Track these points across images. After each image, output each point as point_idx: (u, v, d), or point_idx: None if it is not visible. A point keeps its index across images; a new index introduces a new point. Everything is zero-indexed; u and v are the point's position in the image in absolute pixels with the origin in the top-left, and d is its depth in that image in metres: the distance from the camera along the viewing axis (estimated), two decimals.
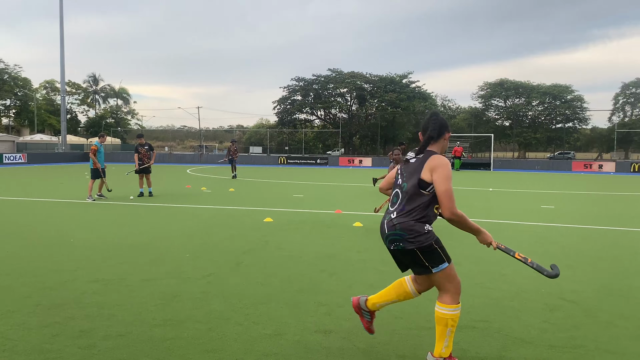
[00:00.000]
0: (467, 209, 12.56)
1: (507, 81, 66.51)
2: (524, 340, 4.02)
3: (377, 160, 44.33)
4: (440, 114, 3.52)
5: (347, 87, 66.34)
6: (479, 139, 56.81)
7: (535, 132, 64.00)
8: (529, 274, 6.10)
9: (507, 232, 9.16)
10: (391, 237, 3.38)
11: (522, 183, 23.32)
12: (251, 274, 5.96)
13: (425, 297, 5.10)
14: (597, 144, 70.49)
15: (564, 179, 27.54)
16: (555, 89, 63.93)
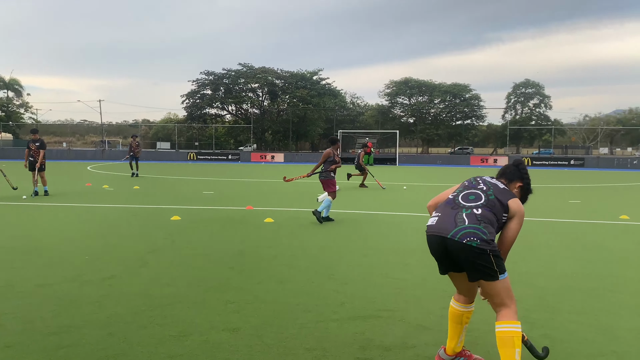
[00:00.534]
0: (377, 203, 12.97)
1: (411, 80, 69.43)
2: (424, 327, 4.24)
3: (289, 156, 44.50)
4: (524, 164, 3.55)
5: (259, 82, 65.87)
6: (385, 135, 58.88)
7: (437, 128, 67.45)
8: (430, 264, 6.42)
9: (409, 224, 9.58)
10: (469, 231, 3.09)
11: (425, 177, 24.51)
12: (156, 275, 5.75)
13: (332, 289, 5.22)
14: (492, 139, 75.65)
15: (463, 172, 29.31)
16: (455, 87, 67.74)
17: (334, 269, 6.08)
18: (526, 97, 71.23)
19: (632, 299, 5.05)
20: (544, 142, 67.65)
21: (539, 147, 67.14)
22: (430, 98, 69.03)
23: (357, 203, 12.91)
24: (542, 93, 70.22)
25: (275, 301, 4.84)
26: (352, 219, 10.17)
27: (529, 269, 6.21)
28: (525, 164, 3.51)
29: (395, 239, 8.12)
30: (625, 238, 8.43)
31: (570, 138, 73.33)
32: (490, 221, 3.16)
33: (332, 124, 61.65)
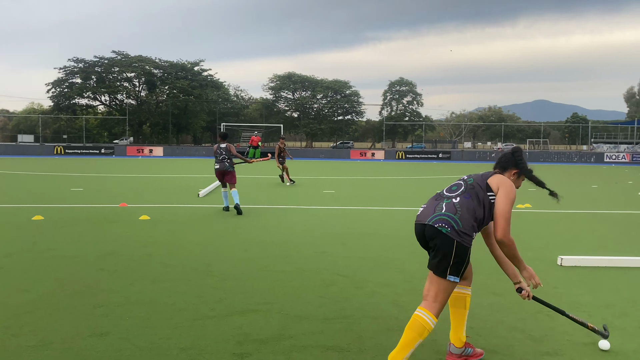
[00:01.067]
0: (259, 197, 12.94)
1: (294, 74, 70.31)
2: (302, 317, 4.32)
3: (169, 150, 42.76)
4: (521, 152, 3.52)
5: (135, 72, 62.42)
6: (270, 129, 59.04)
7: (320, 123, 69.13)
8: (309, 255, 6.56)
9: (291, 217, 9.71)
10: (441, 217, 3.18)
11: (308, 171, 25.01)
12: (13, 281, 5.21)
13: (210, 285, 5.11)
14: (370, 134, 79.34)
15: (344, 166, 30.38)
16: (336, 84, 69.85)
17: (213, 266, 5.96)
18: (400, 95, 75.55)
19: (486, 279, 5.59)
20: (417, 137, 72.36)
21: (412, 141, 71.69)
22: (313, 93, 70.46)
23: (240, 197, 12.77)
24: (414, 91, 74.95)
25: (148, 302, 4.62)
26: (233, 214, 10.05)
27: (399, 256, 6.60)
28: (522, 152, 3.54)
29: (276, 231, 8.18)
30: None
31: (439, 133, 79.25)
32: (470, 209, 3.22)
33: (215, 116, 60.35)
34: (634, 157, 40.89)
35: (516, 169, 3.45)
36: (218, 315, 4.33)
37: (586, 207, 12.00)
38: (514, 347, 3.77)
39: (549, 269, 6.10)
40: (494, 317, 4.42)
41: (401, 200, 12.84)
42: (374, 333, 3.99)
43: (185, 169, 24.62)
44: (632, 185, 18.94)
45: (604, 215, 10.86)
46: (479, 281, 5.50)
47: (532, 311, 4.57)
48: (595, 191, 16.20)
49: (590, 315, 4.48)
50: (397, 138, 75.83)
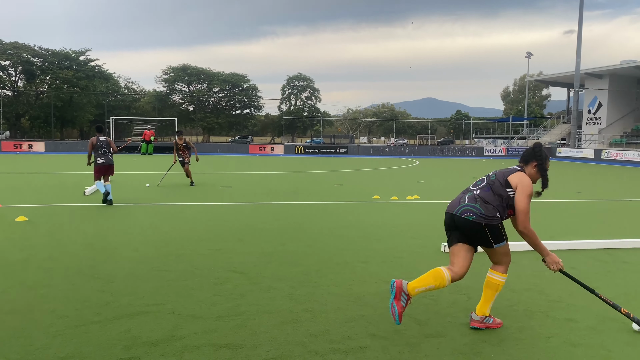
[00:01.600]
0: (151, 194, 12.39)
1: (189, 67, 68.13)
2: (195, 316, 4.21)
3: (52, 145, 39.51)
4: (542, 147, 4.11)
5: (10, 60, 56.82)
6: (163, 123, 56.76)
7: (217, 117, 67.70)
8: (204, 253, 6.42)
9: (186, 214, 9.43)
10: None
11: (205, 166, 24.38)
12: None
13: (96, 289, 4.82)
14: (270, 129, 79.23)
15: (243, 160, 30.07)
16: (233, 77, 68.76)
17: (99, 268, 5.62)
18: (299, 90, 76.24)
19: (377, 268, 5.84)
20: (315, 132, 73.53)
21: (311, 136, 72.72)
22: (210, 86, 68.82)
23: (127, 194, 12.16)
24: (312, 86, 76.02)
25: (24, 310, 4.25)
26: (122, 212, 9.56)
27: (296, 249, 6.68)
28: (542, 146, 4.10)
29: (168, 229, 7.89)
30: (376, 215, 9.69)
31: (337, 128, 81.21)
32: (488, 200, 3.86)
33: (104, 109, 56.80)
34: (509, 151, 44.85)
35: (536, 162, 4.02)
36: (104, 319, 4.10)
37: None
38: (401, 332, 3.98)
39: (434, 255, 6.51)
40: (383, 303, 4.62)
41: (299, 194, 12.99)
42: (269, 327, 4.00)
43: (69, 166, 22.90)
44: None
45: None
46: (371, 270, 5.73)
47: (418, 296, 4.84)
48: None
49: (470, 298, 4.85)
50: (296, 133, 76.48)
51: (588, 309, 4.60)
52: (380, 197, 12.29)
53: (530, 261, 6.28)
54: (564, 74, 50.98)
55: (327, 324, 4.10)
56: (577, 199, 13.22)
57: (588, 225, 9.06)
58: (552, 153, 43.72)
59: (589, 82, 48.70)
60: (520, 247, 6.90)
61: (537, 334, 3.98)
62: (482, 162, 32.94)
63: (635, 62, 43.57)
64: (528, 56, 66.66)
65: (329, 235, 7.64)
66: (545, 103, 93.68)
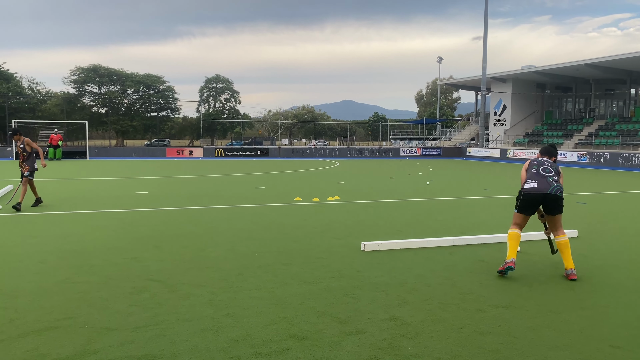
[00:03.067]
0: (57, 200, 11.65)
1: (100, 67, 64.77)
2: (109, 329, 4.03)
3: None
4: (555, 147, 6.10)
5: None
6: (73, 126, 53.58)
7: (132, 120, 64.88)
8: (118, 262, 6.15)
9: (97, 222, 8.98)
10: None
11: (118, 171, 23.32)
12: None
13: (1, 305, 4.47)
14: (188, 131, 77.12)
15: (159, 165, 29.06)
16: (148, 78, 66.21)
17: (2, 282, 5.21)
18: (218, 92, 74.90)
19: (299, 269, 5.88)
20: (236, 135, 72.62)
21: (232, 139, 71.74)
22: (123, 88, 65.81)
23: (31, 202, 11.36)
24: (231, 88, 74.94)
25: None
26: (26, 221, 8.92)
27: (216, 254, 6.57)
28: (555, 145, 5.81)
29: (78, 239, 7.47)
30: (297, 217, 9.75)
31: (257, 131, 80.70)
32: (561, 182, 5.67)
33: (5, 112, 52.61)
34: (423, 151, 46.83)
35: (556, 157, 5.98)
36: (8, 338, 3.81)
37: (386, 197, 13.37)
38: (323, 331, 4.04)
39: (354, 254, 6.66)
40: (305, 304, 4.66)
41: (218, 198, 12.77)
42: (189, 335, 3.91)
43: None
44: (421, 176, 21.67)
45: (399, 203, 12.22)
46: (292, 272, 5.77)
47: (339, 295, 4.94)
48: (393, 182, 18.15)
49: (388, 294, 5.02)
50: (216, 135, 75.07)
51: (495, 298, 4.91)
52: (302, 199, 12.38)
53: (443, 256, 6.60)
54: (472, 78, 54.01)
55: (248, 328, 4.07)
56: (485, 195, 14.06)
57: (496, 220, 9.66)
58: (462, 153, 46.20)
59: (494, 86, 51.93)
60: (434, 243, 7.24)
61: (450, 325, 4.20)
62: (399, 163, 34.13)
63: (534, 67, 47.03)
64: (439, 61, 70.01)
65: (249, 239, 7.58)
66: (455, 105, 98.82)
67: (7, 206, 10.34)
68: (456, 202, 12.41)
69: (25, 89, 66.88)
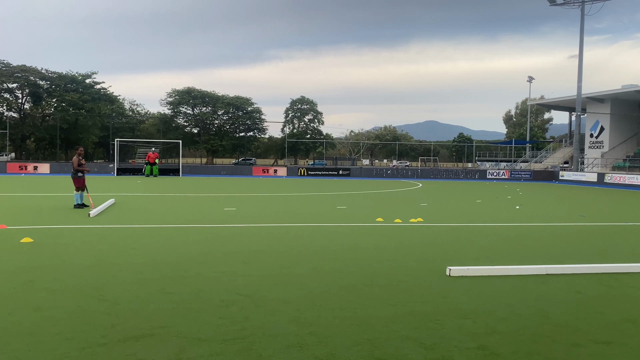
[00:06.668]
0: (151, 215, 12.43)
1: (194, 90, 68.77)
2: (200, 339, 4.21)
3: (56, 167, 39.72)
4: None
5: (17, 82, 57.51)
6: (168, 145, 57.09)
7: (221, 139, 68.05)
8: (208, 275, 6.43)
9: (189, 236, 9.45)
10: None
11: (208, 188, 24.46)
12: None
13: (101, 311, 4.83)
14: (273, 151, 79.57)
15: (246, 182, 30.13)
16: (238, 100, 69.34)
17: (104, 289, 5.63)
18: (302, 113, 76.79)
19: (382, 291, 5.83)
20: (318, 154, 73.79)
21: (314, 158, 72.94)
22: (214, 109, 69.37)
23: (132, 216, 12.21)
24: (315, 109, 76.59)
25: (29, 333, 4.26)
26: (126, 234, 9.59)
27: (299, 272, 6.68)
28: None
29: (171, 252, 7.90)
30: (380, 238, 9.69)
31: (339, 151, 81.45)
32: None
33: (109, 131, 57.22)
34: (512, 174, 44.87)
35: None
36: (110, 342, 4.10)
37: (472, 221, 12.94)
38: (408, 356, 3.96)
39: (438, 279, 6.49)
40: (388, 327, 4.61)
41: (302, 216, 13.00)
42: (275, 351, 4.00)
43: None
44: (510, 199, 20.75)
45: (487, 227, 11.77)
46: (375, 293, 5.72)
47: (423, 320, 4.83)
48: (479, 205, 17.53)
49: (475, 322, 4.83)
50: (299, 155, 76.78)
51: (594, 333, 4.57)
52: (384, 220, 12.29)
53: (534, 285, 6.26)
54: (566, 98, 51.25)
55: (332, 348, 4.09)
56: (581, 222, 13.19)
57: (592, 249, 9.03)
58: (554, 176, 43.70)
59: (590, 106, 48.91)
60: (524, 271, 6.89)
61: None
62: (486, 185, 32.92)
63: (637, 86, 43.81)
64: (530, 80, 67.17)
65: (332, 258, 7.63)
66: (547, 127, 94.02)
67: (116, 219, 11.18)
68: (548, 228, 11.75)
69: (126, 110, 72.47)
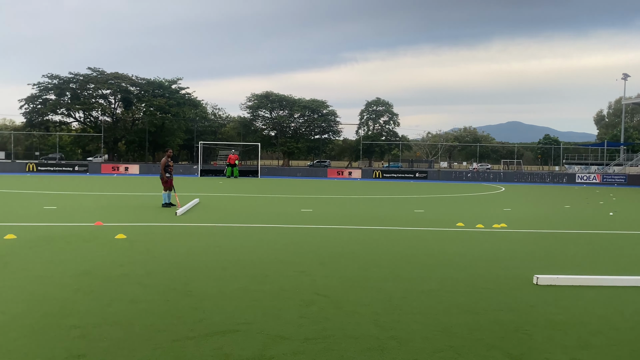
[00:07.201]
0: (235, 216, 12.85)
1: (272, 94, 70.49)
2: (282, 337, 4.29)
3: (145, 168, 42.22)
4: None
5: (111, 89, 61.74)
6: (247, 148, 58.92)
7: (297, 142, 69.22)
8: (288, 274, 6.55)
9: (269, 236, 9.67)
10: None
11: (285, 189, 24.95)
12: None
13: (189, 305, 5.06)
14: (347, 153, 79.73)
15: (321, 184, 30.43)
16: (313, 103, 70.23)
17: (191, 285, 5.90)
18: (377, 115, 76.34)
19: (465, 298, 5.65)
20: (393, 156, 73.03)
21: (389, 160, 72.28)
22: (291, 112, 70.68)
23: (215, 215, 12.69)
24: (391, 111, 75.83)
25: (126, 323, 4.54)
26: (210, 232, 9.98)
27: (378, 275, 6.63)
28: None
29: (253, 250, 8.12)
30: (461, 243, 9.41)
31: (415, 153, 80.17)
32: None
33: (193, 134, 60.02)
34: (604, 178, 41.98)
35: None
36: (198, 335, 4.28)
37: (560, 227, 12.25)
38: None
39: (525, 287, 6.20)
40: (473, 335, 4.46)
41: (378, 219, 12.91)
42: (356, 353, 3.99)
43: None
44: (603, 205, 19.42)
45: (577, 234, 11.10)
46: (457, 300, 5.56)
47: (510, 329, 4.63)
48: (568, 211, 16.56)
49: (567, 334, 4.57)
50: (373, 157, 76.41)
51: None
52: (465, 225, 11.93)
53: (633, 297, 5.82)
54: None
55: (414, 354, 4.02)
56: None
57: None
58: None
59: None
60: (621, 282, 6.42)
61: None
62: (575, 190, 31.07)
63: None
64: (624, 78, 62.55)
65: (411, 263, 7.52)
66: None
67: (201, 218, 11.70)
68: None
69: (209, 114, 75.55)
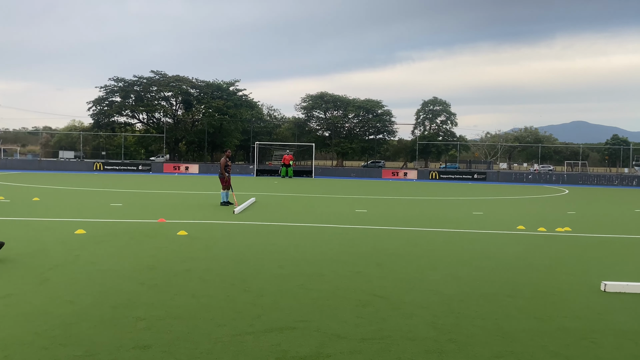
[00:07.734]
0: (291, 215, 13.01)
1: (326, 94, 70.76)
2: (339, 336, 4.32)
3: (204, 167, 43.50)
4: None
5: (172, 91, 64.00)
6: (302, 148, 59.49)
7: (351, 142, 69.14)
8: (344, 274, 6.57)
9: (324, 235, 9.72)
10: None
11: (339, 189, 24.99)
12: (58, 292, 5.38)
13: (248, 301, 5.18)
14: (402, 154, 78.82)
15: (376, 185, 30.26)
16: (368, 103, 69.92)
17: (250, 282, 6.03)
18: (434, 114, 75.01)
19: (526, 303, 5.47)
20: (450, 157, 71.57)
21: (446, 161, 70.91)
22: (345, 113, 70.70)
23: (271, 214, 12.90)
24: (448, 110, 74.32)
25: (188, 316, 4.71)
26: (267, 231, 10.15)
27: (435, 277, 6.53)
28: None
29: (309, 249, 8.20)
30: (522, 247, 9.11)
31: (473, 153, 78.19)
32: None
33: (249, 135, 61.25)
34: None
35: None
36: (256, 331, 4.38)
37: (629, 232, 11.62)
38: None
39: (592, 294, 5.93)
40: (535, 341, 4.31)
41: (435, 221, 12.70)
42: (413, 355, 3.96)
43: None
44: None
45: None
46: (519, 305, 5.40)
47: (575, 337, 4.45)
48: (638, 215, 15.67)
49: (637, 344, 4.33)
50: (430, 158, 75.18)
51: None
52: (526, 228, 11.54)
53: None
54: None
55: (474, 358, 3.94)
56: None
57: None
58: None
59: None
60: None
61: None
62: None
63: None
64: None
65: (469, 266, 7.35)
66: None
67: (257, 216, 11.93)
68: None
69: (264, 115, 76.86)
